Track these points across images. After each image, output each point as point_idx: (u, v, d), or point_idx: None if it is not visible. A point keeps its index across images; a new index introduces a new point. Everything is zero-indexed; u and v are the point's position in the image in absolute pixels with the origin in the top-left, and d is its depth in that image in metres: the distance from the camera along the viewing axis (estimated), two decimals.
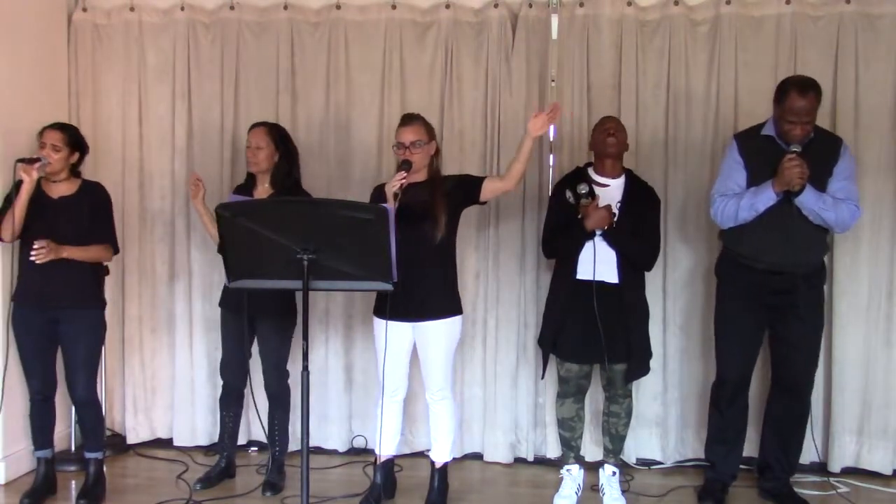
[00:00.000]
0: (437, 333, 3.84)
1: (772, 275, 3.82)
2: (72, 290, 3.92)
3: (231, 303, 4.18)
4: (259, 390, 4.23)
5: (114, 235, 4.11)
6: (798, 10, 4.39)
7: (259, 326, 4.19)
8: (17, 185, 3.85)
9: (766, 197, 3.72)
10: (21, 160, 3.88)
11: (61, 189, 4.00)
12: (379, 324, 3.86)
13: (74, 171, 4.07)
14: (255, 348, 4.28)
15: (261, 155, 4.12)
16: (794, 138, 3.70)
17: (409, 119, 3.89)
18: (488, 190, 3.86)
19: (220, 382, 4.36)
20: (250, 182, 4.23)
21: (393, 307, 3.68)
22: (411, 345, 3.91)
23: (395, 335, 3.79)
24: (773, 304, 3.88)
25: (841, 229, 3.88)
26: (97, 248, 4.01)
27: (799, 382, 3.97)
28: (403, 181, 3.67)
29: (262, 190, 4.17)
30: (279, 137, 4.19)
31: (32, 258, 3.79)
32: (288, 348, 4.26)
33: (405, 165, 3.73)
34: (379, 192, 3.86)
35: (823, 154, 3.78)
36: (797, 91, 3.68)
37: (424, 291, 3.74)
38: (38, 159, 3.88)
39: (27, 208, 3.85)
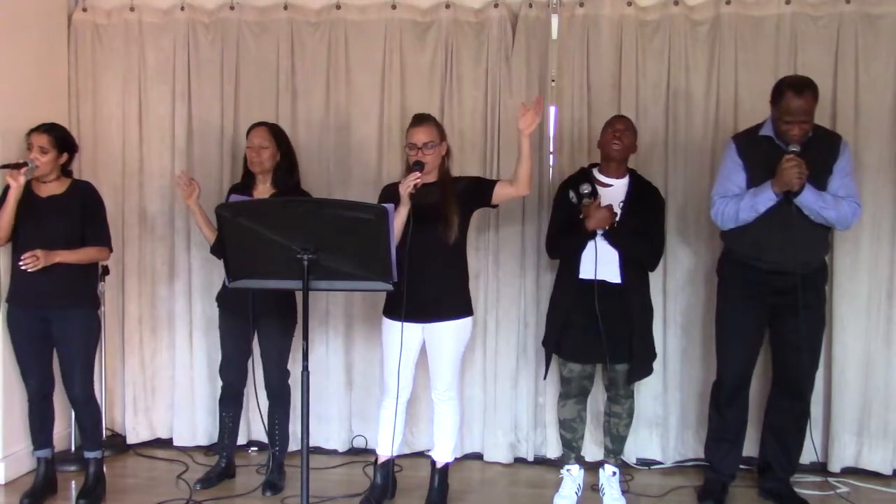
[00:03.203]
0: (449, 334, 3.84)
1: (773, 274, 3.82)
2: (63, 289, 3.91)
3: (230, 302, 4.17)
4: (260, 390, 4.23)
5: (107, 235, 4.09)
6: (798, 10, 4.39)
7: (260, 326, 4.18)
8: (6, 190, 3.86)
9: (765, 198, 3.72)
10: (5, 166, 3.87)
11: (51, 188, 3.99)
12: (389, 325, 3.86)
13: (65, 171, 4.06)
14: (255, 348, 4.29)
15: (265, 154, 4.11)
16: (793, 138, 3.70)
17: (421, 119, 3.85)
18: (500, 194, 3.84)
19: (220, 383, 4.36)
20: (249, 182, 4.21)
21: (405, 308, 3.67)
22: (420, 345, 3.90)
23: (405, 336, 3.77)
24: (774, 304, 3.88)
25: (843, 227, 3.88)
26: (91, 249, 3.99)
27: (800, 383, 3.96)
28: (418, 181, 3.65)
29: (263, 189, 4.17)
30: (280, 137, 4.20)
31: (23, 267, 3.79)
32: (289, 347, 4.26)
33: (417, 166, 3.71)
34: (388, 193, 3.84)
35: (823, 152, 3.78)
36: (793, 91, 3.68)
37: (436, 292, 3.73)
38: (24, 164, 3.88)
39: (16, 210, 3.85)
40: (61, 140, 3.99)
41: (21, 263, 3.80)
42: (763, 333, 4.00)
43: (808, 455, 4.34)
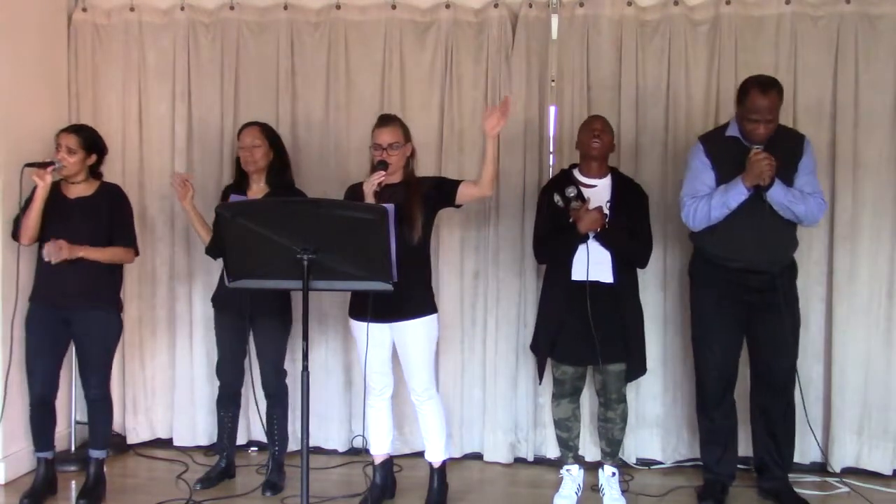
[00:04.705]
0: (416, 333, 3.84)
1: (746, 273, 3.83)
2: (87, 290, 3.90)
3: (226, 303, 4.17)
4: (258, 389, 4.24)
5: (134, 238, 4.10)
6: (798, 10, 4.39)
7: (256, 326, 4.18)
8: (33, 190, 3.85)
9: (736, 192, 3.73)
10: (32, 164, 3.86)
11: (79, 190, 4.00)
12: (356, 326, 3.87)
13: (94, 173, 4.06)
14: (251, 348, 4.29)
15: (258, 153, 4.11)
16: (758, 137, 3.72)
17: (386, 120, 3.87)
18: (464, 194, 3.84)
19: (218, 383, 4.36)
20: (242, 182, 4.20)
21: (370, 308, 3.67)
22: (391, 344, 3.91)
23: (375, 335, 3.77)
24: (749, 303, 3.88)
25: (810, 223, 3.89)
26: (116, 249, 3.99)
27: (781, 379, 3.96)
28: (382, 179, 3.67)
29: (257, 189, 4.16)
30: (272, 136, 4.20)
31: (46, 259, 3.78)
32: (285, 347, 4.27)
33: (381, 166, 3.73)
34: (353, 192, 3.86)
35: (788, 150, 3.81)
36: (759, 90, 3.71)
37: (401, 292, 3.70)
38: (51, 163, 3.87)
39: (44, 210, 3.85)
40: (90, 141, 4.00)
41: (44, 252, 3.78)
42: (741, 332, 3.99)
43: (808, 455, 4.36)
